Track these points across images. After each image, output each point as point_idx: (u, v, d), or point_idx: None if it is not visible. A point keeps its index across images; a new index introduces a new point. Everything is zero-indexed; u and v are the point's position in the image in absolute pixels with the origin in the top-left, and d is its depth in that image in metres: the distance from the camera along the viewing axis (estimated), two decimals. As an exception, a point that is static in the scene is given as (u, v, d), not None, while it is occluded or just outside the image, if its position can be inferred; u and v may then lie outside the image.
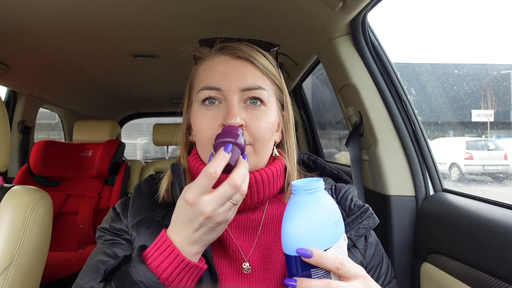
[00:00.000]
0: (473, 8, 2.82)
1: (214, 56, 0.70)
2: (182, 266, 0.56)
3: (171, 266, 0.55)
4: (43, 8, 1.21)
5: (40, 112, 2.60)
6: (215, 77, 0.66)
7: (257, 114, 0.66)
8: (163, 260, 0.56)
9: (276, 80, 0.71)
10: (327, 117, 3.76)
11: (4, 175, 2.33)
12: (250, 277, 0.65)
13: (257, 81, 0.67)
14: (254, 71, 0.67)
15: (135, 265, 0.56)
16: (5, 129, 1.00)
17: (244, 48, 0.68)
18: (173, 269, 0.55)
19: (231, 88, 0.65)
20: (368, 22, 1.23)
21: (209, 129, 0.65)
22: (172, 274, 0.55)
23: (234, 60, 0.68)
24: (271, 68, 0.70)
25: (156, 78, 2.42)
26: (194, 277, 0.58)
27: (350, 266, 0.51)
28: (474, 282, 0.87)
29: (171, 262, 0.55)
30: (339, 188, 0.75)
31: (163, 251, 0.56)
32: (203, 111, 0.66)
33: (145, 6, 1.23)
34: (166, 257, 0.56)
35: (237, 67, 0.67)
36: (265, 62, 0.69)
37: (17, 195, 0.98)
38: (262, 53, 0.70)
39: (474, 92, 2.31)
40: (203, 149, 0.67)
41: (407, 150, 1.24)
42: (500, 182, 2.56)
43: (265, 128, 0.66)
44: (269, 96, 0.68)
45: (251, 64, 0.68)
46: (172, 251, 0.56)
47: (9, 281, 0.89)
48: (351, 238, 0.65)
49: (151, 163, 2.60)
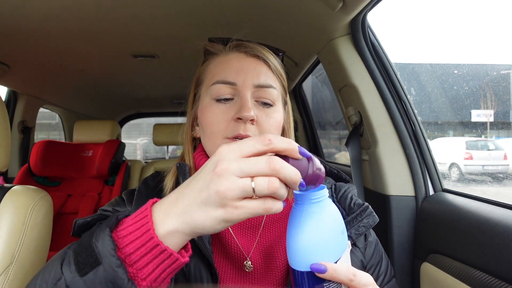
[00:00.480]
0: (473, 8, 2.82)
1: (228, 52, 0.72)
2: (149, 246, 0.43)
3: (137, 241, 0.44)
4: (43, 8, 1.21)
5: (40, 112, 2.60)
6: (231, 72, 0.68)
7: (267, 112, 0.68)
8: (131, 231, 0.45)
9: (284, 82, 0.75)
10: (327, 117, 3.76)
11: (4, 175, 2.33)
12: (252, 275, 0.65)
13: (270, 80, 0.70)
14: (267, 70, 0.70)
15: (102, 228, 0.46)
16: (5, 129, 1.00)
17: (258, 48, 0.71)
18: (139, 246, 0.43)
19: (245, 83, 0.67)
20: (368, 22, 1.24)
21: (221, 122, 0.66)
22: (135, 252, 0.44)
23: (249, 58, 0.70)
24: (281, 69, 0.74)
25: (156, 78, 2.42)
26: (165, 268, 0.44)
27: (361, 275, 0.50)
28: (474, 282, 0.87)
29: (138, 236, 0.44)
30: (338, 187, 0.76)
31: (137, 221, 0.45)
32: (215, 104, 0.68)
33: (145, 6, 1.23)
34: (136, 228, 0.45)
35: (252, 64, 0.69)
36: (276, 62, 0.72)
37: (18, 195, 0.98)
38: (273, 54, 0.73)
39: (474, 92, 2.31)
40: (212, 142, 0.68)
41: (407, 150, 1.25)
42: (500, 182, 2.56)
43: (274, 126, 0.68)
44: (278, 96, 0.71)
45: (264, 63, 0.70)
46: (145, 224, 0.44)
47: (9, 281, 0.89)
48: (351, 236, 0.66)
49: (151, 163, 2.60)
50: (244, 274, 0.65)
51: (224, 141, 0.66)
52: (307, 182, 0.44)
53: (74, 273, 0.44)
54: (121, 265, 0.43)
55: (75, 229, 0.57)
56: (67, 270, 0.45)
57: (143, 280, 0.44)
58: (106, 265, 0.43)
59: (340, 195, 0.73)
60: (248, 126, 0.65)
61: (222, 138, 0.66)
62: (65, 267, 0.46)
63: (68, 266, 0.46)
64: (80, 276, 0.44)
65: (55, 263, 0.48)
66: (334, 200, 0.72)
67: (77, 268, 0.45)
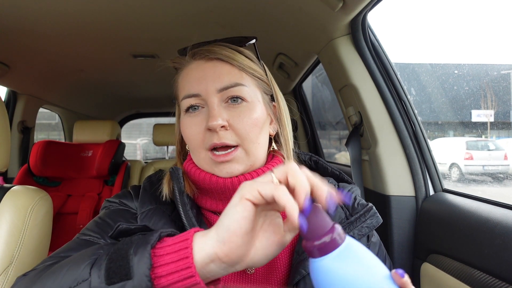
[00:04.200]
0: (473, 8, 2.82)
1: (188, 63, 0.69)
2: (183, 274, 0.43)
3: (172, 264, 0.44)
4: (43, 8, 1.21)
5: (40, 112, 2.60)
6: (192, 84, 0.66)
7: (239, 111, 0.65)
8: (169, 252, 0.45)
9: (256, 73, 0.70)
10: (327, 117, 3.76)
11: (4, 175, 2.33)
12: (254, 277, 0.64)
13: (233, 79, 0.65)
14: (229, 69, 0.66)
15: (143, 241, 0.46)
16: (5, 129, 1.00)
17: (215, 49, 0.67)
18: (172, 271, 0.43)
19: (208, 91, 0.64)
20: (368, 22, 1.24)
21: (196, 134, 0.64)
22: (167, 276, 0.43)
23: (208, 63, 0.67)
24: (249, 62, 0.69)
25: (156, 78, 2.42)
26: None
27: None
28: (474, 282, 0.87)
29: (175, 260, 0.44)
30: (342, 188, 0.75)
31: (177, 242, 0.45)
32: (188, 118, 0.66)
33: (145, 6, 1.23)
34: (174, 250, 0.44)
35: (211, 69, 0.66)
36: (240, 58, 0.68)
37: (17, 195, 0.97)
38: (236, 49, 0.69)
39: (474, 92, 2.32)
40: (196, 156, 0.67)
41: (407, 150, 1.24)
42: (500, 182, 2.56)
43: (250, 125, 0.64)
44: (250, 91, 0.67)
45: (225, 63, 0.67)
46: (184, 248, 0.44)
47: (9, 281, 0.89)
48: (354, 237, 0.65)
49: (151, 163, 2.59)
50: (245, 276, 0.64)
51: (206, 154, 0.64)
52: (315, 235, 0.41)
53: (102, 278, 0.44)
54: (150, 285, 0.43)
55: (115, 233, 0.54)
56: (95, 274, 0.45)
57: None
58: (136, 282, 0.43)
59: None
60: (222, 134, 0.62)
61: (204, 150, 0.65)
62: (94, 270, 0.45)
63: (98, 270, 0.45)
64: (107, 284, 0.44)
65: (86, 261, 0.47)
66: None
67: (106, 275, 0.44)
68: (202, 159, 0.65)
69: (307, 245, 0.41)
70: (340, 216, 0.68)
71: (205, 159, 0.65)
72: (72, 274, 0.46)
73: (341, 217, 0.68)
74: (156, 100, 3.24)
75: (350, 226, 0.65)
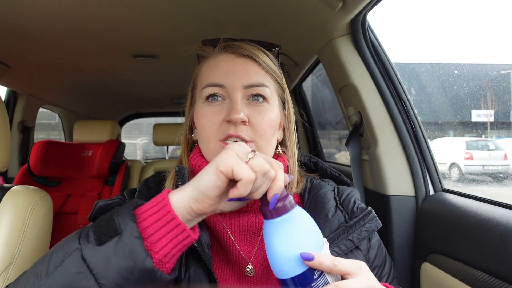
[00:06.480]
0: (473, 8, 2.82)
1: (217, 54, 0.71)
2: (166, 219, 0.49)
3: (154, 215, 0.50)
4: (43, 8, 1.21)
5: (40, 112, 2.60)
6: (219, 75, 0.67)
7: (259, 110, 0.67)
8: (149, 207, 0.51)
9: (278, 78, 0.73)
10: (327, 117, 3.76)
11: (4, 175, 2.33)
12: (253, 280, 0.65)
13: (260, 79, 0.68)
14: (257, 69, 0.69)
15: (123, 206, 0.52)
16: (5, 129, 1.00)
17: (247, 47, 0.70)
18: (155, 220, 0.49)
19: (234, 85, 0.66)
20: (368, 22, 1.24)
21: (213, 124, 0.66)
22: (152, 225, 0.49)
23: (238, 58, 0.69)
24: (273, 66, 0.72)
25: (156, 78, 2.42)
26: (177, 243, 0.50)
27: (344, 261, 0.52)
28: (474, 282, 0.87)
29: (155, 211, 0.50)
30: (341, 190, 0.74)
31: (154, 201, 0.52)
32: (207, 107, 0.67)
33: (145, 6, 1.23)
34: (153, 205, 0.51)
35: (240, 64, 0.68)
36: (267, 60, 0.71)
37: (17, 195, 0.97)
38: (264, 51, 0.72)
39: (474, 92, 2.32)
40: (206, 145, 0.68)
41: (407, 150, 1.24)
42: (500, 182, 2.56)
43: (268, 124, 0.67)
44: (272, 93, 0.70)
45: (254, 62, 0.69)
46: (162, 201, 0.51)
47: (9, 281, 0.89)
48: (353, 240, 0.65)
49: (151, 163, 2.59)
50: (245, 279, 0.65)
51: (218, 144, 0.65)
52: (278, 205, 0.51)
53: (92, 243, 0.47)
54: (139, 236, 0.47)
55: (94, 210, 0.59)
56: (84, 240, 0.48)
57: (156, 253, 0.48)
58: (126, 234, 0.47)
59: (343, 199, 0.72)
60: (240, 127, 0.64)
61: (216, 141, 0.65)
62: (82, 238, 0.48)
63: (86, 237, 0.48)
64: (98, 245, 0.47)
65: (72, 238, 0.50)
66: (337, 203, 0.71)
67: (95, 237, 0.48)
68: (212, 149, 0.66)
69: (263, 208, 0.52)
70: (339, 220, 0.67)
71: (214, 149, 0.66)
72: (61, 252, 0.48)
73: (340, 220, 0.67)
74: (156, 100, 3.24)
75: (349, 230, 0.65)
